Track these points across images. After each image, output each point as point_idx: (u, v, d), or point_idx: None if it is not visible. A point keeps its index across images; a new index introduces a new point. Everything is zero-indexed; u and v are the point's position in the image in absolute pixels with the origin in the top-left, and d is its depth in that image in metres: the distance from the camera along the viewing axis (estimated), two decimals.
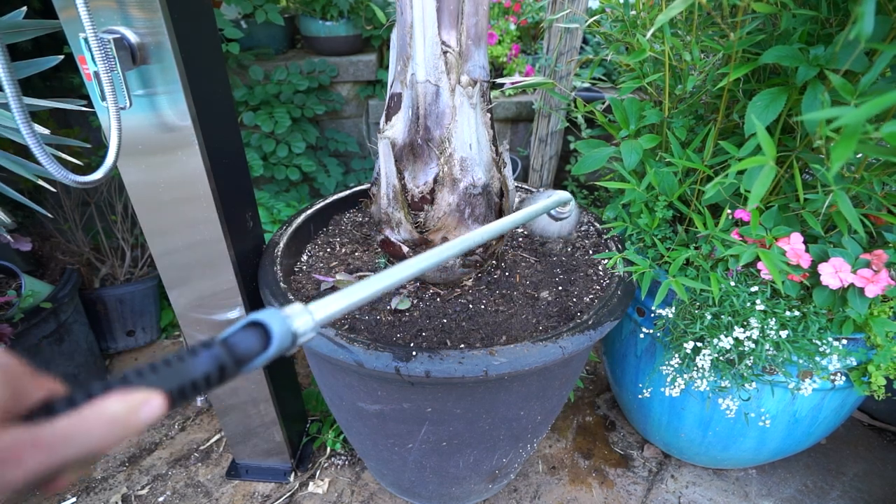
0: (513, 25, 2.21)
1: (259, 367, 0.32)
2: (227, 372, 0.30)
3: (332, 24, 1.92)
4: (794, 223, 0.84)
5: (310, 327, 0.34)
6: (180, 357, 0.29)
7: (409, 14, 0.74)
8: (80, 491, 1.23)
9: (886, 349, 0.83)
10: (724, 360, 0.90)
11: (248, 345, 0.31)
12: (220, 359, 0.30)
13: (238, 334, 0.31)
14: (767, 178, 0.52)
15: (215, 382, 0.30)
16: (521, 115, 2.07)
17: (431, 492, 1.11)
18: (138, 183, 0.82)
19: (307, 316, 0.34)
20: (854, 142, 0.43)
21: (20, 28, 0.84)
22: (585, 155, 0.94)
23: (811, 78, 0.68)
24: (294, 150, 1.91)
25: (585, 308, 0.89)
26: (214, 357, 0.29)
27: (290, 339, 0.33)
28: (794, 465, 1.30)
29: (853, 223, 0.69)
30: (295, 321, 0.33)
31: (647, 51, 0.84)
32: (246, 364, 0.31)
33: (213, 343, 0.30)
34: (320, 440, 1.34)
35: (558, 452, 1.35)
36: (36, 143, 0.59)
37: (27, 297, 1.25)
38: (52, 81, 1.60)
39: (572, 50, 1.60)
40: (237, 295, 0.94)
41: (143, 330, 1.66)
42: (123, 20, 0.67)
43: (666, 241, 0.98)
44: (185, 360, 0.29)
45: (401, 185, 0.86)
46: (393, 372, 0.72)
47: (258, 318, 0.32)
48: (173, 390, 0.28)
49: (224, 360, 0.30)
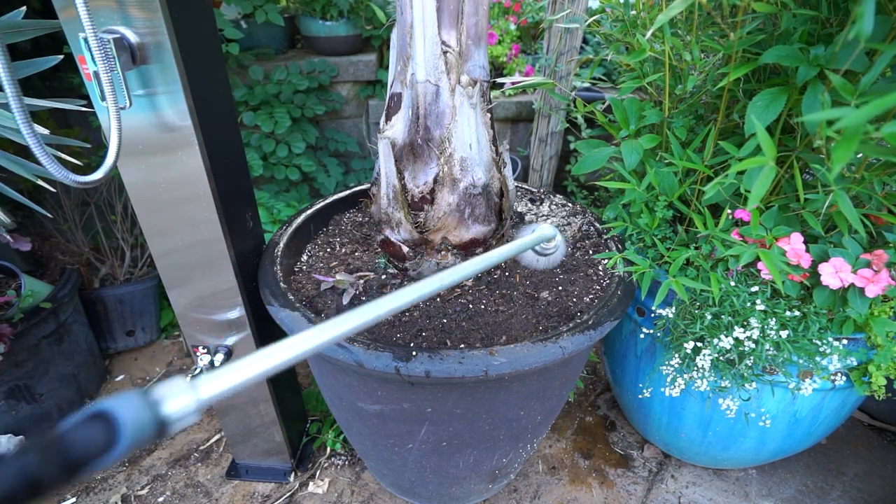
0: (513, 25, 2.21)
1: (107, 466, 0.26)
2: (45, 484, 0.23)
3: (332, 24, 1.92)
4: (795, 223, 0.84)
5: (191, 409, 0.29)
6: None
7: (409, 14, 0.74)
8: (79, 491, 1.23)
9: (887, 349, 0.83)
10: (724, 360, 0.90)
11: (86, 443, 0.25)
12: (31, 470, 0.23)
13: (77, 429, 0.25)
14: (768, 179, 0.52)
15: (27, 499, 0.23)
16: (521, 115, 2.07)
17: (431, 492, 1.11)
18: (138, 183, 0.82)
19: (187, 395, 0.29)
20: (855, 143, 0.43)
21: (20, 28, 0.84)
22: (585, 155, 0.94)
23: (811, 78, 0.68)
24: (294, 150, 1.91)
25: (585, 308, 0.89)
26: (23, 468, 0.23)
27: (153, 429, 0.27)
28: (794, 465, 1.30)
29: (853, 223, 0.69)
30: (166, 404, 0.28)
31: (647, 51, 0.84)
32: (82, 468, 0.25)
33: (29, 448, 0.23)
34: (320, 440, 1.34)
35: (558, 452, 1.35)
36: (36, 143, 0.59)
37: (27, 297, 1.25)
38: (52, 81, 1.59)
39: (572, 50, 1.60)
40: (237, 295, 0.94)
41: (142, 330, 1.66)
42: (123, 20, 0.67)
43: (666, 241, 0.98)
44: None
45: (401, 185, 0.85)
46: (393, 372, 0.72)
47: (104, 407, 0.26)
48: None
49: (39, 471, 0.23)
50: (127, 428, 0.26)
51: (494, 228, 0.93)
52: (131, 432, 0.26)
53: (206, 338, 1.01)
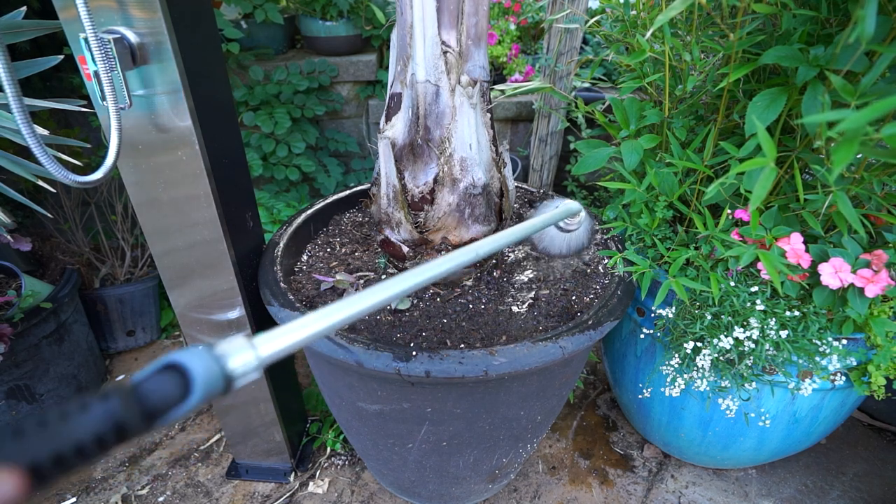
0: (513, 25, 2.21)
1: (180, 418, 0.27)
2: (129, 430, 0.24)
3: (332, 24, 1.92)
4: (794, 223, 0.84)
5: (252, 366, 0.30)
6: (63, 415, 0.22)
7: (409, 14, 0.74)
8: (79, 491, 1.23)
9: (886, 349, 0.83)
10: (724, 360, 0.90)
11: (161, 393, 0.25)
12: (116, 415, 0.23)
13: (151, 380, 0.26)
14: (768, 180, 0.52)
15: (113, 444, 0.23)
16: (521, 115, 2.07)
17: (431, 492, 1.11)
18: (138, 183, 0.82)
19: (249, 352, 0.30)
20: (855, 145, 0.43)
21: (20, 28, 0.84)
22: (585, 155, 0.94)
23: (811, 78, 0.68)
24: (294, 150, 1.91)
25: (585, 308, 0.89)
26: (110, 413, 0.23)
27: (222, 384, 0.28)
28: (794, 465, 1.31)
29: (853, 223, 0.69)
30: (231, 360, 0.29)
31: (647, 51, 0.84)
32: (158, 418, 0.25)
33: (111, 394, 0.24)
34: (320, 440, 1.34)
35: (558, 452, 1.35)
36: (36, 144, 0.59)
37: (27, 297, 1.25)
38: (52, 82, 1.59)
39: (572, 50, 1.60)
40: (237, 295, 0.94)
41: (143, 330, 1.66)
42: (123, 20, 0.67)
43: (666, 242, 0.98)
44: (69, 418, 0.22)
45: (401, 186, 0.86)
46: (393, 372, 0.72)
47: (176, 359, 0.27)
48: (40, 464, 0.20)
49: (124, 417, 0.24)
50: (200, 380, 0.27)
51: (494, 228, 0.93)
52: (203, 384, 0.27)
53: (207, 338, 1.01)
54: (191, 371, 0.27)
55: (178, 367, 0.27)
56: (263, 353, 0.31)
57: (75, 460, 0.22)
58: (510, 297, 0.93)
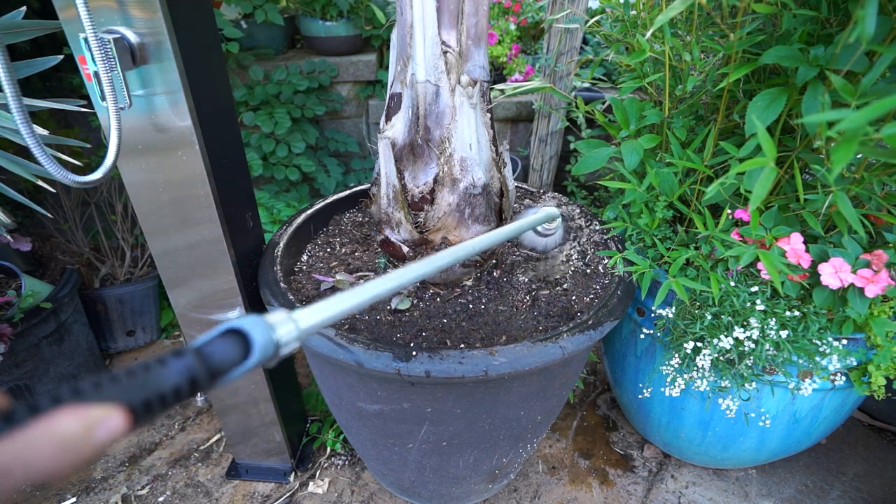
0: (513, 25, 2.21)
1: (236, 379, 0.29)
2: (199, 384, 0.27)
3: (332, 24, 1.92)
4: (794, 223, 0.84)
5: (293, 336, 0.32)
6: (146, 367, 0.26)
7: (409, 14, 0.74)
8: (79, 491, 1.23)
9: (886, 349, 0.83)
10: (724, 360, 0.90)
11: (224, 355, 0.28)
12: (191, 370, 0.26)
13: (214, 343, 0.28)
14: (768, 180, 0.52)
15: (185, 396, 0.26)
16: (521, 115, 2.07)
17: (431, 491, 1.11)
18: (138, 183, 0.82)
19: (290, 325, 0.32)
20: (855, 145, 0.43)
21: (19, 28, 0.84)
22: (585, 155, 0.94)
23: (811, 78, 0.68)
24: (294, 150, 1.91)
25: (585, 308, 0.89)
26: (186, 368, 0.26)
27: (273, 350, 0.30)
28: (794, 465, 1.31)
29: (853, 223, 0.69)
30: (278, 330, 0.31)
31: (647, 51, 0.84)
32: (221, 376, 0.28)
33: (184, 352, 0.27)
34: (320, 440, 1.34)
35: (558, 452, 1.35)
36: (36, 144, 0.59)
37: (27, 297, 1.25)
38: (52, 82, 1.59)
39: (572, 50, 1.60)
40: (237, 295, 0.94)
41: (143, 330, 1.66)
42: (123, 20, 0.67)
43: (666, 241, 0.98)
44: (151, 370, 0.25)
45: (401, 186, 0.86)
46: (393, 372, 0.72)
47: (238, 325, 0.29)
48: (136, 405, 0.24)
49: (196, 372, 0.26)
50: (258, 344, 0.29)
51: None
52: (261, 348, 0.29)
53: None
54: (251, 336, 0.29)
55: (240, 332, 0.29)
56: (303, 324, 0.33)
57: (158, 406, 0.25)
58: (510, 297, 0.93)
